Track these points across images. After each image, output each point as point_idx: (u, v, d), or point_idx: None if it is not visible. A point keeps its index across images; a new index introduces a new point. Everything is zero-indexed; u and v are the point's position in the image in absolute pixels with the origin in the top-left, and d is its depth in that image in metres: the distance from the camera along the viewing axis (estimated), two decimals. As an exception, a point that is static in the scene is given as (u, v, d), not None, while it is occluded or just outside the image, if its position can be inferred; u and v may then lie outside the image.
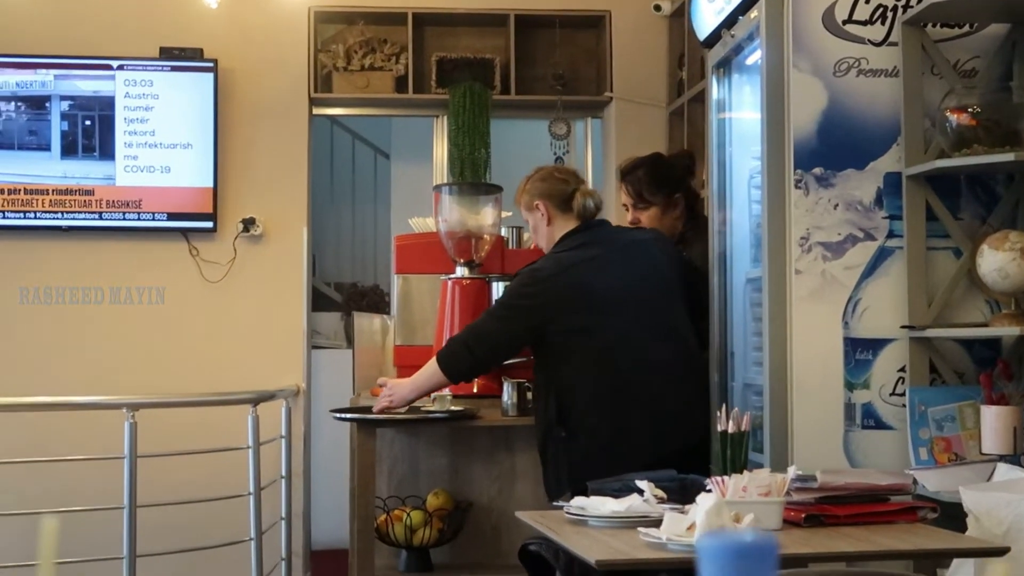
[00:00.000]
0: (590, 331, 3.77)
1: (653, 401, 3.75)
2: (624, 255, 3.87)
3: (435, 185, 4.90)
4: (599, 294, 3.79)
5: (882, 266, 3.40)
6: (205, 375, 5.93)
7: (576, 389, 3.75)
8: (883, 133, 3.41)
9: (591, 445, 3.71)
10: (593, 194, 4.02)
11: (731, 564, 0.74)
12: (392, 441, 4.46)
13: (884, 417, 3.39)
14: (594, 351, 3.75)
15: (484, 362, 3.93)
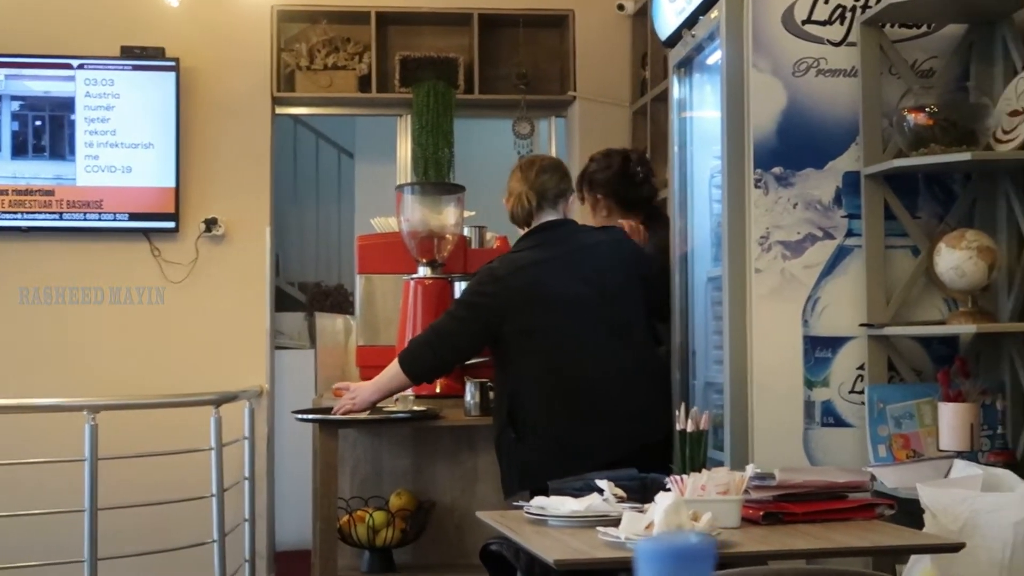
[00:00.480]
0: (539, 332, 3.77)
1: (605, 403, 3.74)
2: (577, 257, 3.86)
3: (397, 185, 4.90)
4: (550, 296, 3.79)
5: (841, 265, 3.43)
6: (168, 376, 5.91)
7: (525, 391, 3.76)
8: (842, 133, 3.43)
9: (541, 446, 3.71)
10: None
11: (667, 567, 0.75)
12: (355, 442, 4.45)
13: (843, 415, 3.41)
14: (543, 353, 3.76)
15: (446, 361, 3.93)
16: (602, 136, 6.19)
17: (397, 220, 4.61)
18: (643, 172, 4.35)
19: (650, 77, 6.04)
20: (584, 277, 3.83)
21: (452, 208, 4.59)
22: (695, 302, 3.96)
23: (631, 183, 4.31)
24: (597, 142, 6.36)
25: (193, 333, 6.03)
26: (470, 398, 4.20)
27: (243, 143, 6.12)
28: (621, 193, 4.30)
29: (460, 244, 4.62)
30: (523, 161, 4.07)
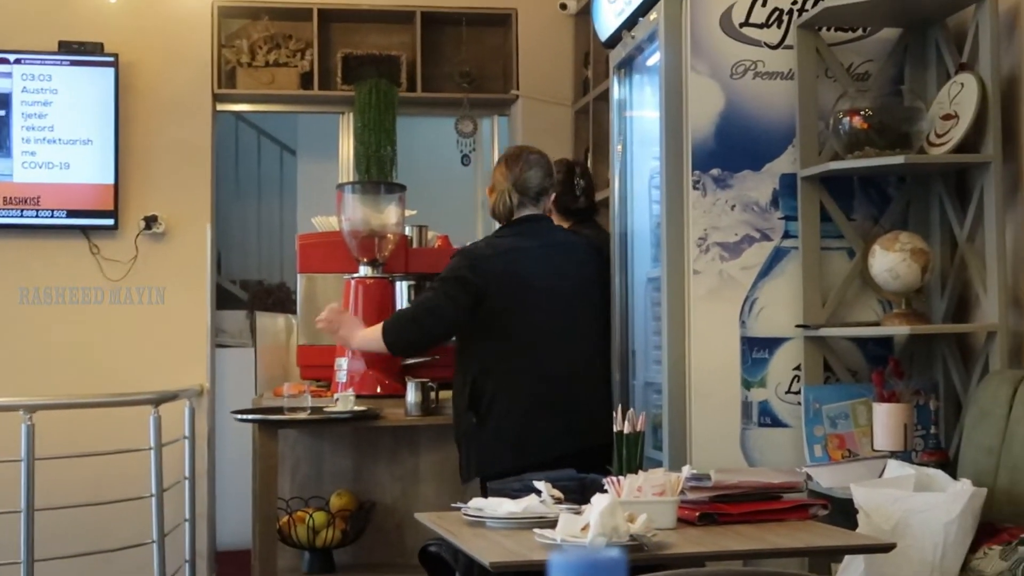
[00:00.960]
0: (512, 317, 3.80)
1: (567, 397, 3.79)
2: (553, 251, 3.91)
3: (338, 184, 4.88)
4: (526, 282, 3.82)
5: (778, 266, 3.46)
6: (107, 375, 5.85)
7: (490, 375, 3.78)
8: (779, 135, 3.47)
9: (501, 433, 3.75)
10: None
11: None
12: (295, 442, 4.44)
13: (780, 415, 3.45)
14: (512, 338, 3.80)
15: (433, 336, 3.93)
16: (545, 135, 6.20)
17: (338, 219, 4.60)
18: (584, 183, 4.52)
19: (592, 76, 6.06)
20: (558, 271, 3.87)
21: (393, 207, 4.58)
22: (635, 302, 3.98)
23: (573, 193, 4.49)
24: (540, 141, 6.35)
25: (132, 332, 5.98)
26: (412, 398, 4.20)
27: (183, 140, 6.07)
28: (563, 201, 4.44)
29: (401, 244, 4.62)
30: (510, 153, 4.12)
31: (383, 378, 4.38)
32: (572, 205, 4.49)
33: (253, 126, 8.44)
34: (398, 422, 4.22)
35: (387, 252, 4.52)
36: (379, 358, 4.31)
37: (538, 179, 3.95)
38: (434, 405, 4.19)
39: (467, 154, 6.40)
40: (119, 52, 5.94)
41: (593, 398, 3.85)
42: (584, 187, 4.52)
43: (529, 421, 3.75)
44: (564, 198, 4.44)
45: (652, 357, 3.88)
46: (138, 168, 6.01)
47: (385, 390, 4.38)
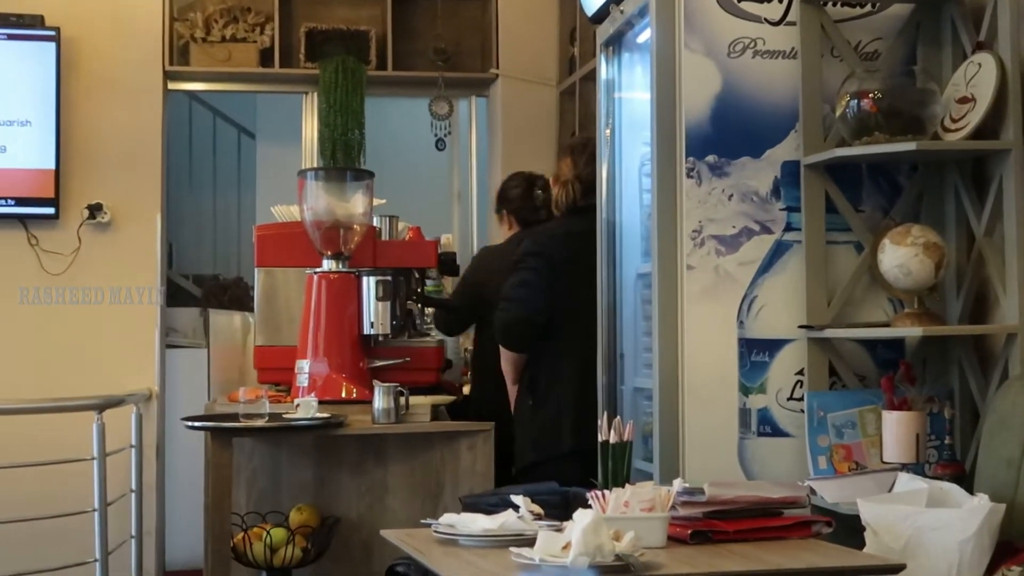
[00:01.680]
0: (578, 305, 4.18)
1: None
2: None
3: (300, 170, 4.87)
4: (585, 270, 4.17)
5: (779, 261, 3.45)
6: (46, 378, 5.83)
7: (549, 357, 4.25)
8: (780, 119, 3.46)
9: (558, 413, 4.20)
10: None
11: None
12: (251, 451, 4.41)
13: (781, 424, 3.44)
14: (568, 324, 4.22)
15: (535, 311, 4.28)
16: (527, 117, 6.21)
17: (300, 208, 4.57)
18: (543, 198, 4.90)
19: (579, 54, 6.05)
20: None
21: (360, 196, 4.56)
22: (623, 301, 3.98)
23: (532, 206, 4.95)
24: (522, 124, 6.39)
25: (75, 331, 5.95)
26: (379, 404, 4.18)
27: (132, 121, 6.04)
28: (522, 214, 4.94)
29: (369, 235, 4.60)
30: (575, 143, 4.55)
31: (348, 382, 4.37)
32: (531, 218, 4.90)
33: (208, 107, 8.40)
34: (364, 430, 4.21)
35: (353, 245, 4.50)
36: (343, 362, 4.32)
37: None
38: (404, 412, 4.18)
39: (442, 138, 6.39)
40: (61, 25, 5.91)
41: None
42: (544, 200, 4.88)
43: (582, 404, 4.07)
44: (523, 212, 4.94)
45: (642, 360, 3.88)
46: (81, 152, 5.98)
47: (350, 395, 4.36)
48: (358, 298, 4.47)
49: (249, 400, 4.23)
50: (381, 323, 4.45)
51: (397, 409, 4.17)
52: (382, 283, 4.50)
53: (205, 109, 8.41)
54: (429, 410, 4.27)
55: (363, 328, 4.45)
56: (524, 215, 4.92)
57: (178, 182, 7.39)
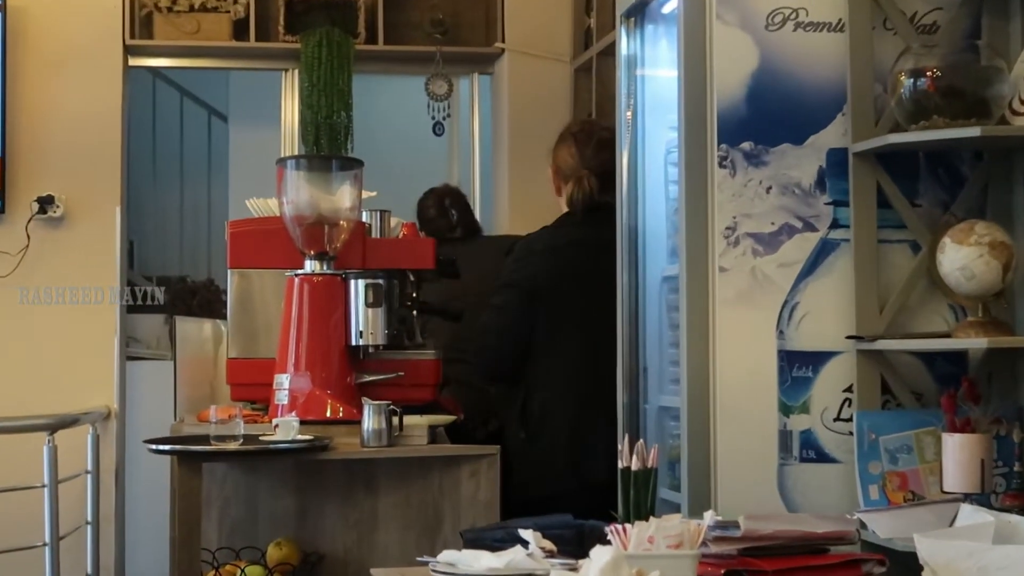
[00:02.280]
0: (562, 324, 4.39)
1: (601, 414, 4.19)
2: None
3: (279, 158, 4.87)
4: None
5: (824, 263, 3.46)
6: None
7: (538, 388, 4.41)
8: (826, 101, 3.46)
9: (554, 447, 4.35)
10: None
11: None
12: (224, 478, 4.42)
13: (827, 447, 3.44)
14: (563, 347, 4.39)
15: (505, 355, 4.59)
16: (537, 98, 6.21)
17: (279, 201, 4.58)
18: (457, 213, 5.37)
19: (596, 26, 6.06)
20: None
21: (348, 187, 4.56)
22: (646, 308, 3.98)
23: (449, 224, 5.36)
24: (531, 105, 6.39)
25: (23, 341, 5.96)
26: (369, 425, 4.18)
27: (87, 103, 6.05)
28: (438, 234, 5.19)
29: (357, 232, 4.60)
30: (575, 130, 4.61)
31: (334, 400, 4.37)
32: (449, 235, 5.27)
33: (174, 86, 8.42)
34: (352, 454, 4.20)
35: (339, 243, 4.50)
36: (328, 376, 4.32)
37: (615, 158, 4.24)
38: (397, 433, 4.18)
39: (440, 122, 6.40)
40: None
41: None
42: (459, 216, 5.34)
43: (580, 436, 4.22)
44: (438, 230, 5.26)
45: (668, 375, 3.88)
46: (30, 138, 5.99)
47: (336, 414, 4.36)
48: (345, 304, 4.47)
49: (221, 420, 4.23)
50: (371, 332, 4.44)
51: (389, 430, 4.16)
52: (372, 287, 4.50)
53: (171, 88, 8.42)
54: (426, 431, 4.27)
55: (351, 338, 4.44)
56: (441, 234, 5.24)
57: (140, 172, 7.40)
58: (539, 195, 5.44)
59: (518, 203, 6.32)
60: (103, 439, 5.70)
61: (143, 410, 6.35)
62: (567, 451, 4.32)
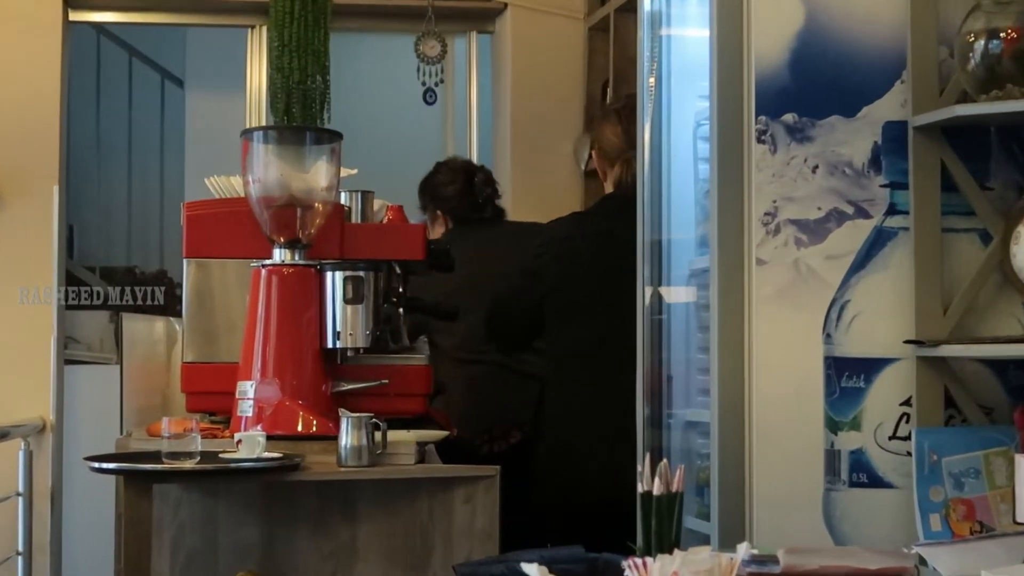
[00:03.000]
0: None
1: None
2: None
3: (245, 129, 4.87)
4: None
5: (879, 255, 3.46)
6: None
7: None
8: (882, 66, 3.46)
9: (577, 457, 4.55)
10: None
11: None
12: (178, 503, 4.41)
13: (881, 470, 3.44)
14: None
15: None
16: (545, 60, 6.22)
17: (243, 180, 4.58)
18: (488, 192, 5.45)
19: (614, -23, 6.06)
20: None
21: (324, 164, 4.57)
22: (671, 306, 3.98)
23: (475, 202, 5.46)
24: (539, 70, 6.39)
25: (-56, 341, 5.97)
26: (347, 441, 4.18)
27: (19, 64, 6.06)
28: (461, 212, 5.45)
29: (335, 217, 4.60)
30: (618, 105, 4.75)
31: (307, 411, 4.37)
32: (474, 215, 5.43)
33: (122, 45, 8.42)
34: (327, 475, 4.21)
35: (314, 229, 4.50)
36: (300, 384, 4.32)
37: None
38: (380, 451, 4.18)
39: (432, 88, 6.39)
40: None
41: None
42: (489, 196, 5.44)
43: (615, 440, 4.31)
44: (463, 209, 5.43)
45: (695, 385, 3.88)
46: (-46, 104, 5.99)
47: (309, 429, 4.36)
48: (320, 300, 4.47)
49: (175, 434, 4.23)
50: (350, 333, 4.45)
51: (371, 447, 4.17)
52: (352, 280, 4.51)
53: (118, 48, 8.42)
54: (414, 449, 4.27)
55: (326, 340, 4.45)
56: (462, 213, 5.46)
57: (82, 145, 7.41)
58: (545, 173, 5.47)
59: (522, 182, 6.33)
60: (37, 456, 5.70)
61: (84, 422, 6.36)
62: (597, 462, 4.50)
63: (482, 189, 5.50)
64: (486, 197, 5.50)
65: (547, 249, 4.73)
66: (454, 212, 5.44)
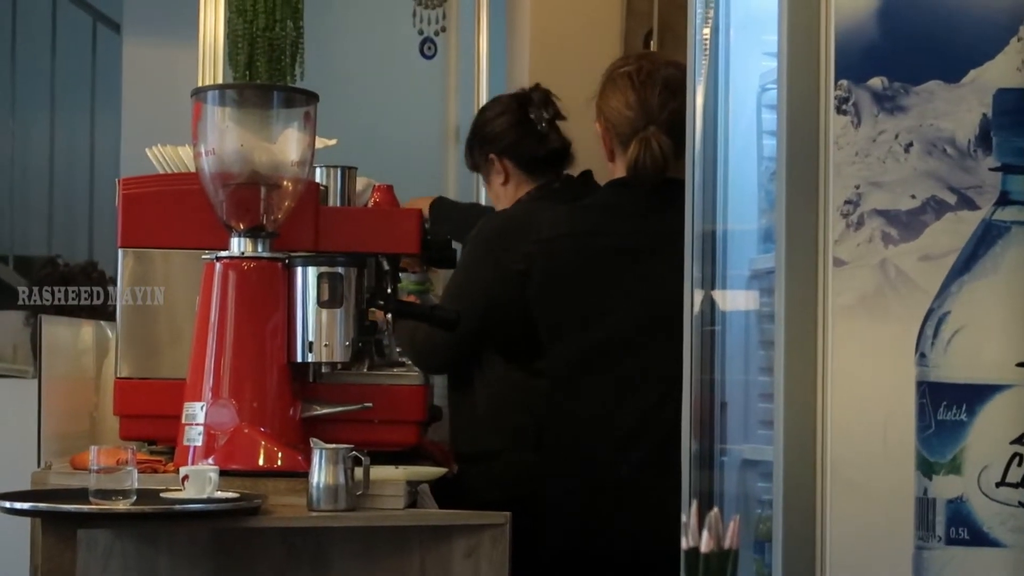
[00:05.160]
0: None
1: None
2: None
3: (196, 88, 4.88)
4: None
5: (988, 255, 3.45)
6: None
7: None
8: (995, 20, 3.46)
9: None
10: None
11: None
12: (108, 552, 4.44)
13: (986, 524, 3.44)
14: None
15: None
16: (574, 11, 6.21)
17: (194, 152, 4.60)
18: (549, 115, 5.36)
19: (660, -96, 6.08)
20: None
21: (295, 132, 4.58)
22: (727, 316, 3.98)
23: (534, 133, 5.38)
24: (563, 15, 6.40)
25: None
26: (321, 478, 4.20)
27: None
28: (522, 151, 5.37)
29: (308, 198, 4.62)
30: (630, 68, 4.77)
31: (270, 441, 4.38)
32: (538, 152, 5.37)
33: (45, -20, 8.44)
34: (296, 521, 4.23)
35: (281, 213, 4.52)
36: (262, 407, 4.34)
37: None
38: (361, 492, 4.20)
39: (431, 39, 6.41)
40: None
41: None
42: (551, 118, 5.36)
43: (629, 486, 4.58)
44: (523, 149, 5.35)
45: (756, 415, 3.88)
46: None
47: (273, 463, 4.37)
48: (288, 302, 4.49)
49: (106, 468, 4.25)
50: (326, 344, 4.47)
51: (350, 487, 4.18)
52: (328, 278, 4.53)
53: (41, -16, 8.45)
54: (404, 490, 4.29)
55: (295, 352, 4.46)
56: (524, 149, 5.37)
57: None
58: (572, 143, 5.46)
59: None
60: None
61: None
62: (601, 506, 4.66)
63: (540, 111, 5.41)
64: (548, 121, 5.42)
65: (536, 250, 4.83)
66: (513, 150, 5.38)
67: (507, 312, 4.89)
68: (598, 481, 4.64)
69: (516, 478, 4.89)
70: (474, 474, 5.00)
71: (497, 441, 5.01)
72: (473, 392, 5.08)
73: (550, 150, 5.36)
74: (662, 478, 4.16)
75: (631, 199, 4.68)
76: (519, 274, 4.77)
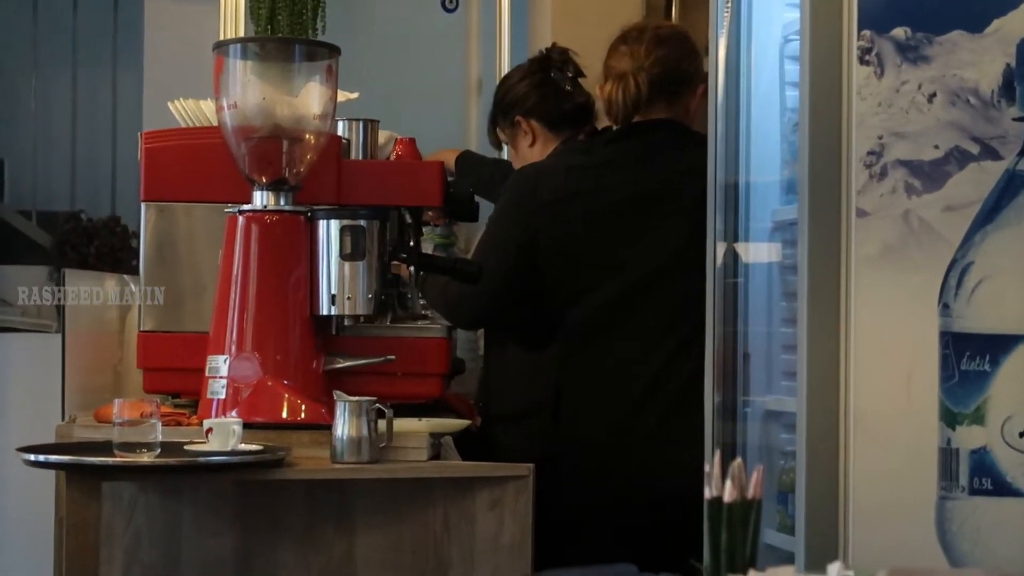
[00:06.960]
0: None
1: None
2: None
3: (218, 42, 4.87)
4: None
5: (1012, 206, 3.45)
6: None
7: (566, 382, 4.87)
8: (1018, -32, 3.46)
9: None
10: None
11: None
12: (133, 505, 4.44)
13: (1009, 474, 3.44)
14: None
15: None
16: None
17: (216, 105, 4.59)
18: (571, 72, 5.36)
19: None
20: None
21: (317, 86, 4.58)
22: (750, 268, 3.98)
23: (560, 94, 5.36)
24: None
25: None
26: (344, 431, 4.20)
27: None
28: (548, 107, 5.34)
29: (330, 152, 4.61)
30: (628, 30, 4.91)
31: (293, 394, 4.38)
32: (565, 107, 5.35)
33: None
34: (319, 473, 4.23)
35: (304, 167, 4.52)
36: (285, 360, 4.34)
37: (675, 59, 4.77)
38: (384, 444, 4.20)
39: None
40: None
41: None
42: (573, 76, 5.35)
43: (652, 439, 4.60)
44: (549, 107, 5.33)
45: (779, 366, 3.89)
46: None
47: (296, 416, 4.37)
48: (311, 256, 4.48)
49: (129, 421, 4.25)
50: (348, 297, 4.46)
51: (373, 439, 4.18)
52: (351, 231, 4.52)
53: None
54: (427, 442, 4.29)
55: (319, 305, 4.46)
56: (552, 110, 5.33)
57: (14, 59, 7.41)
58: (598, 100, 5.45)
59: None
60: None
61: (16, 404, 6.38)
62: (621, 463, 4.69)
63: (560, 68, 5.43)
64: (570, 79, 5.44)
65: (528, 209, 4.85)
66: (539, 109, 5.37)
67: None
68: (621, 432, 4.65)
69: (544, 437, 4.88)
70: (503, 433, 4.97)
71: (528, 402, 4.98)
72: (506, 351, 5.04)
73: (576, 104, 5.35)
74: (682, 428, 4.20)
75: (625, 149, 4.78)
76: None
